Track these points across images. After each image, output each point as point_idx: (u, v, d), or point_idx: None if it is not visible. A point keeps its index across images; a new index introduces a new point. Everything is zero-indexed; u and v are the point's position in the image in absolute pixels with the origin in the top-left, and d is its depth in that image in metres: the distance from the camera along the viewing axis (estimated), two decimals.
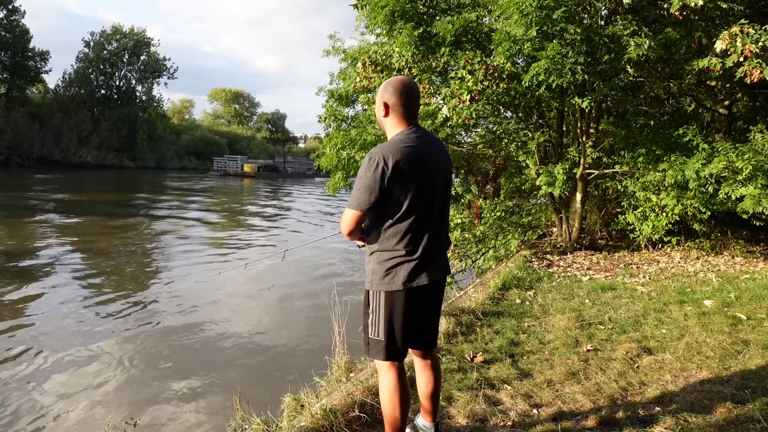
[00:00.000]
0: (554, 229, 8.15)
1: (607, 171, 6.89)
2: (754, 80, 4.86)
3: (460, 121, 5.97)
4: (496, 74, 5.65)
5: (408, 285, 1.95)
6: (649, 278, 5.62)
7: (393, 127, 2.04)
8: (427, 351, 2.18)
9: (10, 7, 41.60)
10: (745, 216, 5.82)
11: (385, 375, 2.03)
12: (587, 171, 6.87)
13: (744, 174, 5.06)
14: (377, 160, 1.87)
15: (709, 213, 6.16)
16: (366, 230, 2.04)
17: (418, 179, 1.92)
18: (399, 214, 1.93)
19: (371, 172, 1.87)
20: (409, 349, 2.15)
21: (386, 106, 2.02)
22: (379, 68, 6.72)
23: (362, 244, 2.13)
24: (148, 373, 5.37)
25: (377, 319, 2.00)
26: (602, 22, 6.27)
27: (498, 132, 8.55)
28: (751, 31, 4.84)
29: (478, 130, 8.96)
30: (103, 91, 51.60)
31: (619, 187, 6.80)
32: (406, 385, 2.05)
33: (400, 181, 1.88)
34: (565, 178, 6.06)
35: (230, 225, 17.41)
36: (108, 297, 7.98)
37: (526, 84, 5.60)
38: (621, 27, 5.75)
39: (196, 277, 9.34)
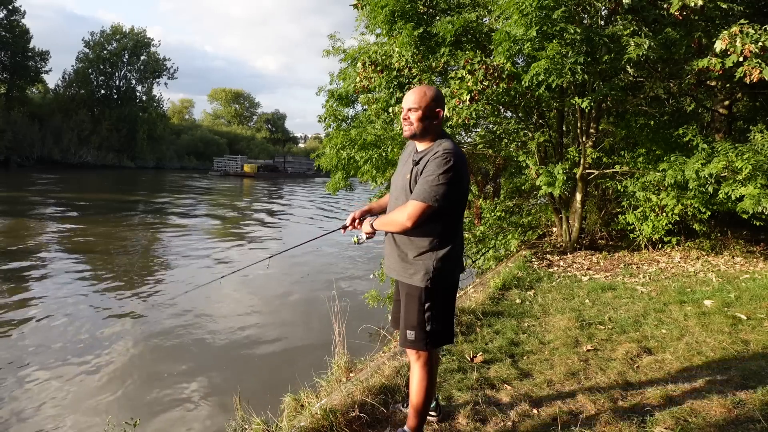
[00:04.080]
0: (554, 229, 8.15)
1: (607, 171, 6.89)
2: (754, 80, 4.86)
3: (460, 121, 5.96)
4: (496, 74, 5.65)
5: (458, 276, 2.19)
6: (649, 278, 5.62)
7: (435, 132, 2.12)
8: None
9: (10, 7, 41.51)
10: (745, 216, 5.82)
11: (425, 364, 2.16)
12: (587, 171, 6.87)
13: (744, 174, 5.06)
14: (457, 158, 1.98)
15: (709, 213, 6.16)
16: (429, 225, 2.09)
17: (467, 179, 2.14)
18: (459, 212, 2.13)
19: (456, 169, 1.97)
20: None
21: (440, 113, 2.14)
22: (379, 68, 6.72)
23: (366, 239, 2.29)
24: (148, 373, 5.37)
25: (439, 311, 2.12)
26: (602, 22, 6.26)
27: (498, 132, 8.54)
28: (751, 31, 4.84)
29: (478, 130, 8.94)
30: (103, 91, 51.48)
31: (619, 187, 6.79)
32: None
33: (465, 180, 2.07)
34: (565, 178, 6.06)
35: (230, 225, 17.40)
36: (107, 297, 7.98)
37: (526, 84, 5.60)
38: (621, 27, 5.74)
39: (195, 276, 9.35)
